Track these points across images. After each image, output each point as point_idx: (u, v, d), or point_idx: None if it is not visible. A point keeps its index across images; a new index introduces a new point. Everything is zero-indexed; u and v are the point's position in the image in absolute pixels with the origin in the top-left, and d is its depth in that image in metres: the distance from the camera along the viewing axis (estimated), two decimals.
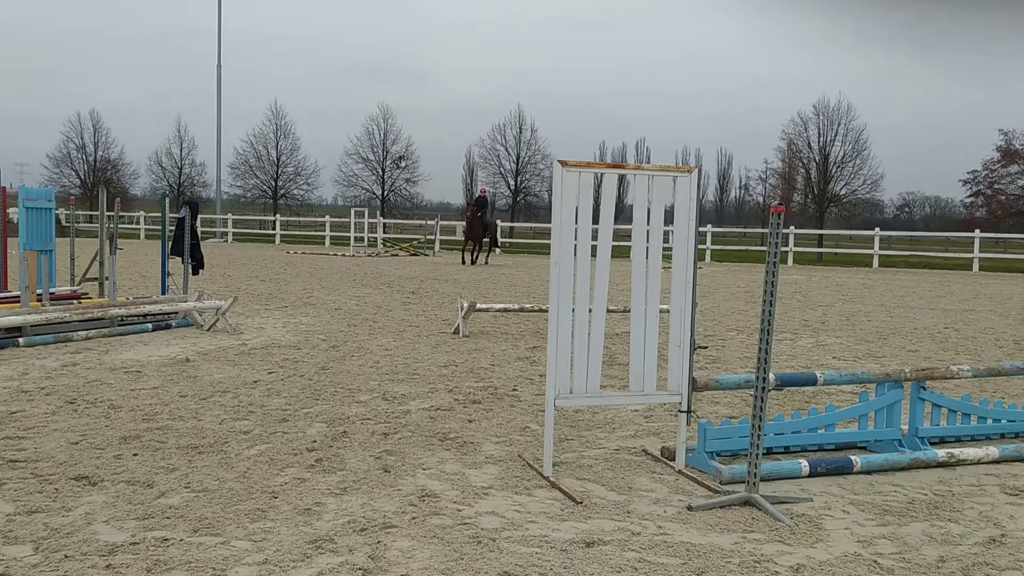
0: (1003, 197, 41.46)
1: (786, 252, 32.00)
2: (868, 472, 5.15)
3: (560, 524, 4.16)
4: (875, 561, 3.78)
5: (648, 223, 5.03)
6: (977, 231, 31.27)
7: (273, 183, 55.52)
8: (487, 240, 25.97)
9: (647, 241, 5.04)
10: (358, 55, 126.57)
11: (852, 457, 5.22)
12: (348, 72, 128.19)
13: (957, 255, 32.28)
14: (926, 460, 5.32)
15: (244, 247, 36.41)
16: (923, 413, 5.67)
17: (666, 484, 4.88)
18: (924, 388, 5.67)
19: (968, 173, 42.90)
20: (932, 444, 5.64)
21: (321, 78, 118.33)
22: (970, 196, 43.79)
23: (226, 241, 41.11)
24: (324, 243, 38.98)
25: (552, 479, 4.82)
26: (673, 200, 5.07)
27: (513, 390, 7.46)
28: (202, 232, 37.31)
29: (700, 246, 30.34)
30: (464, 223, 26.71)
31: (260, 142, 55.84)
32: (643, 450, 5.57)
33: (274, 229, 42.57)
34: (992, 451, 5.49)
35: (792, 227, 34.24)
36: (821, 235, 40.38)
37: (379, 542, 3.84)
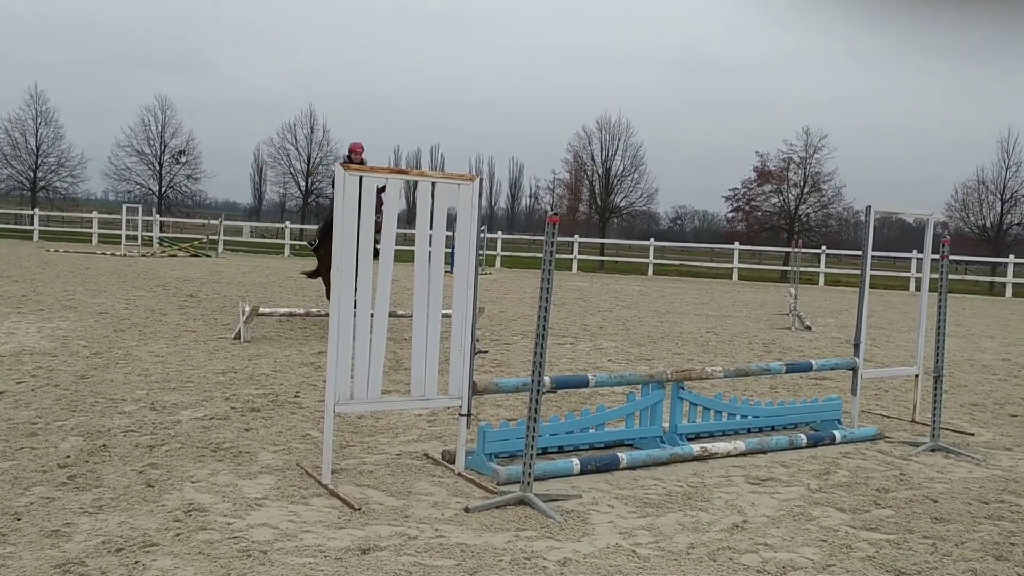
0: (759, 213, 45.81)
1: (571, 260, 33.51)
2: (633, 468, 5.50)
3: (336, 532, 4.10)
4: (633, 551, 4.05)
5: (431, 228, 5.09)
6: (736, 243, 34.34)
7: (32, 174, 50.37)
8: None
9: (430, 246, 5.10)
10: (131, 42, 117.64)
11: (619, 454, 5.55)
12: (120, 59, 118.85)
13: (720, 265, 35.26)
14: (683, 455, 5.77)
15: None
16: (682, 411, 6.14)
17: (445, 487, 4.95)
18: (683, 388, 6.14)
19: (729, 190, 47.05)
20: (689, 440, 6.12)
21: (89, 64, 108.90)
22: (731, 211, 47.99)
23: None
24: (91, 241, 35.91)
25: (330, 487, 4.74)
26: (457, 206, 5.17)
27: (295, 396, 7.26)
28: None
29: (491, 252, 30.38)
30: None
31: (16, 128, 50.48)
32: (425, 454, 5.61)
33: (32, 224, 38.62)
34: (739, 445, 6.05)
35: (576, 236, 35.90)
36: (603, 244, 42.65)
37: (137, 562, 3.60)
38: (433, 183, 5.09)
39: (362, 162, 10.58)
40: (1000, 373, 10.64)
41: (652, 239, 35.76)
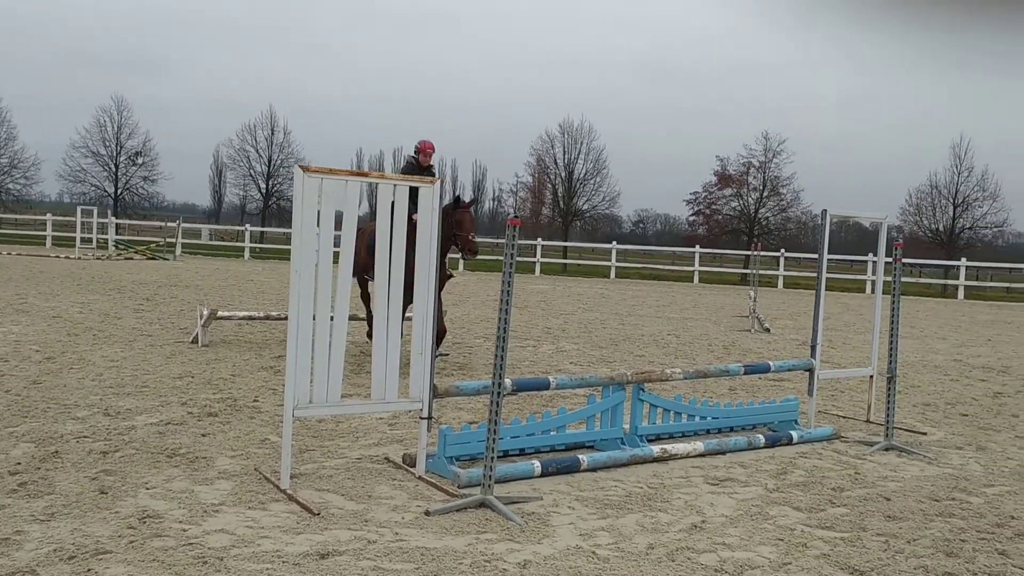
0: (719, 216, 46.32)
1: (534, 263, 33.59)
2: (594, 469, 5.53)
3: (295, 538, 4.06)
4: (593, 552, 4.07)
5: (392, 230, 5.07)
6: (697, 247, 34.69)
7: None
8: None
9: (391, 248, 5.08)
10: (87, 40, 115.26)
11: (580, 456, 5.58)
12: (75, 58, 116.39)
13: (682, 268, 35.59)
14: (643, 456, 5.81)
15: None
16: (642, 413, 6.19)
17: (406, 491, 4.93)
18: (643, 390, 6.19)
19: (691, 194, 47.53)
20: (649, 441, 6.16)
21: (43, 62, 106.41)
22: (692, 215, 48.48)
23: None
24: (45, 243, 35.15)
25: (289, 492, 4.70)
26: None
27: (254, 401, 7.18)
28: None
29: (454, 255, 30.42)
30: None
31: None
32: (385, 458, 5.59)
33: None
34: (698, 446, 6.11)
35: (539, 239, 35.99)
36: (566, 247, 42.80)
37: (89, 570, 3.53)
38: (395, 185, 5.07)
39: (429, 167, 9.15)
40: (952, 374, 10.88)
41: (614, 242, 35.95)
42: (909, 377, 10.24)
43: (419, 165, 9.15)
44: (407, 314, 5.45)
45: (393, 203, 5.04)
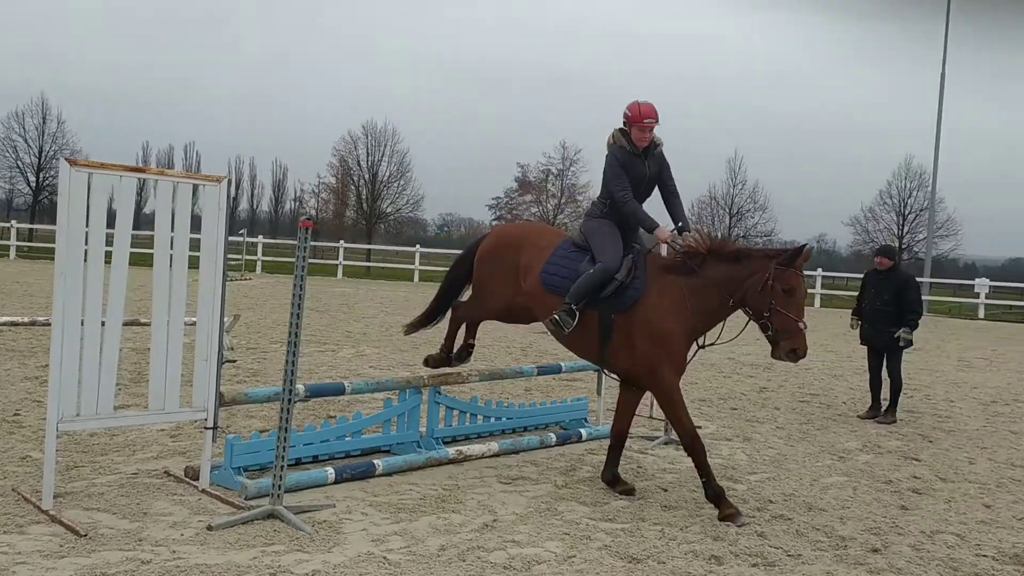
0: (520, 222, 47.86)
1: (336, 265, 32.93)
2: (389, 474, 5.50)
3: (57, 562, 3.73)
4: (385, 557, 4.04)
5: (173, 231, 4.79)
6: None
7: None
8: None
9: (171, 249, 4.79)
10: None
11: (375, 461, 5.53)
12: None
13: None
14: (439, 458, 5.85)
15: None
16: (438, 415, 6.23)
17: (187, 506, 4.66)
18: (440, 393, 6.24)
19: (493, 199, 48.66)
20: (446, 443, 6.22)
21: None
22: (495, 220, 49.59)
23: None
24: None
25: (52, 513, 4.30)
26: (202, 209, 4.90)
27: (15, 415, 6.52)
28: None
29: (251, 257, 28.98)
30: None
31: None
32: (166, 471, 5.26)
33: None
34: (493, 446, 6.24)
35: (342, 241, 35.35)
36: (370, 250, 42.34)
37: None
38: (175, 183, 4.80)
39: (649, 150, 5.55)
40: (725, 371, 11.81)
41: (418, 246, 36.00)
42: (687, 374, 10.98)
43: (632, 147, 5.53)
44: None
45: (174, 202, 4.76)
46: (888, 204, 46.05)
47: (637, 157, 5.55)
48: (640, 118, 5.45)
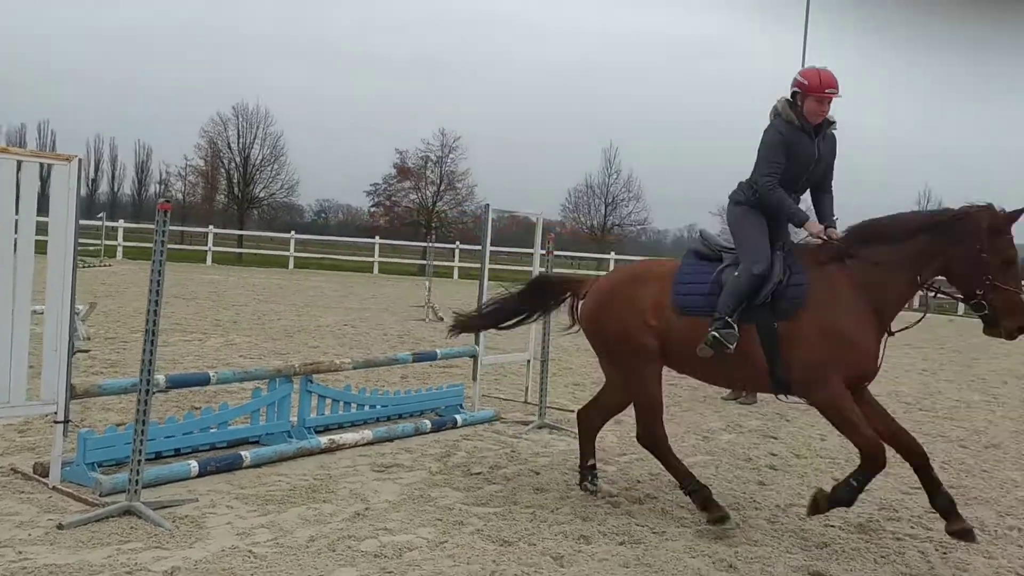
0: (399, 208, 47.22)
1: (206, 252, 31.70)
2: (258, 465, 5.34)
3: None
4: (250, 551, 3.93)
5: (17, 214, 4.47)
6: (377, 237, 35.05)
7: None
8: None
9: (16, 233, 4.48)
10: None
11: (242, 452, 5.36)
12: None
13: (362, 259, 35.71)
14: (311, 448, 5.74)
15: None
16: (310, 405, 6.10)
17: (36, 504, 4.39)
18: (312, 381, 6.10)
19: (371, 185, 47.88)
20: (318, 432, 6.09)
21: None
22: (373, 206, 48.90)
23: None
24: None
25: None
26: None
27: None
28: None
29: (111, 242, 27.59)
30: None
31: None
32: (12, 469, 4.93)
33: None
34: (367, 434, 6.17)
35: (211, 226, 34.02)
36: (241, 236, 40.93)
37: None
38: (19, 161, 4.47)
39: (823, 126, 4.77)
40: None
41: (293, 232, 35.08)
42: (563, 360, 11.21)
43: (803, 122, 4.74)
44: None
45: (18, 182, 4.44)
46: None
47: (806, 134, 4.73)
48: (821, 87, 4.61)
